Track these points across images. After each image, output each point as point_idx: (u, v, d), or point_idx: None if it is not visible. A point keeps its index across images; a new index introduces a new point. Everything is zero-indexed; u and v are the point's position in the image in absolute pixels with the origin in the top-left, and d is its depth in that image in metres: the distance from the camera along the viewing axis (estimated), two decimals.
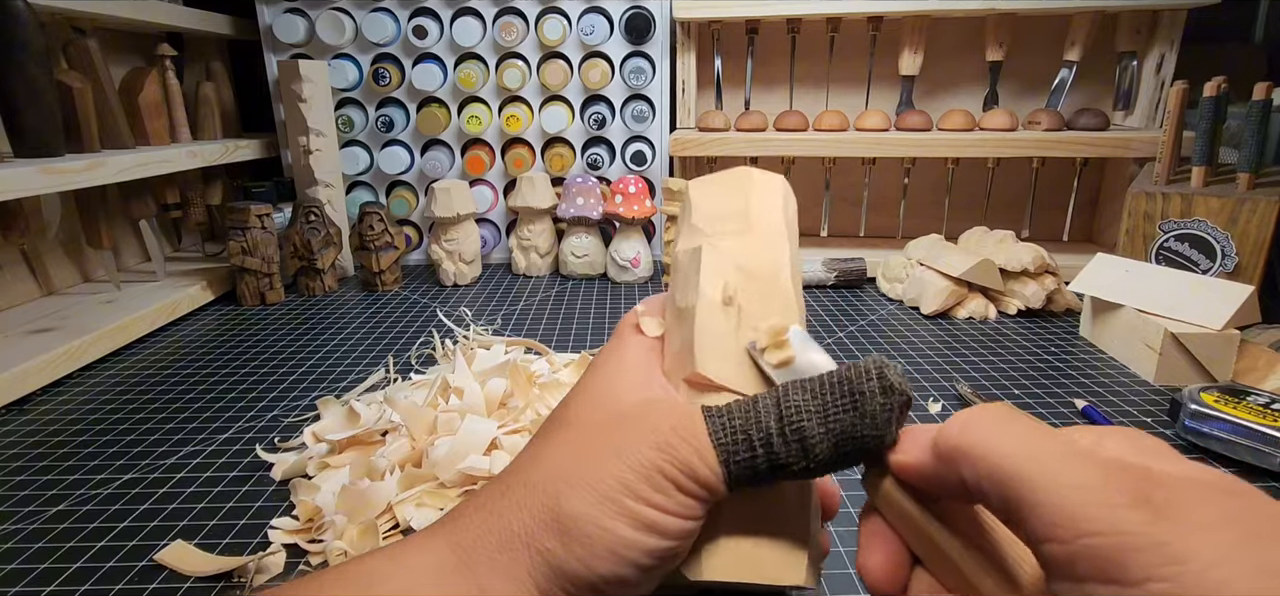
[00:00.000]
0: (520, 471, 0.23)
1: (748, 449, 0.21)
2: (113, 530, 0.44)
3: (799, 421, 0.21)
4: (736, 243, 0.26)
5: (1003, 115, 0.96)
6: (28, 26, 0.67)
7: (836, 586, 0.39)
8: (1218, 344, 0.61)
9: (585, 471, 0.22)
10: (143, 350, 0.75)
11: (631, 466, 0.21)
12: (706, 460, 0.21)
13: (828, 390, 0.21)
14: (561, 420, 0.25)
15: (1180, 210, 0.76)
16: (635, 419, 0.23)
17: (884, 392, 0.20)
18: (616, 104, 1.02)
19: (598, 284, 0.97)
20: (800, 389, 0.22)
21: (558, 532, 0.21)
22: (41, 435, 0.57)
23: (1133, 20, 0.94)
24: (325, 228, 0.93)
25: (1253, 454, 0.48)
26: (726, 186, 0.28)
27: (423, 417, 0.50)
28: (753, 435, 0.21)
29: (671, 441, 0.21)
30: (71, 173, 0.70)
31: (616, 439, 0.22)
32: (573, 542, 0.21)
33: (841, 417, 0.21)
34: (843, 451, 0.21)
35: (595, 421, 0.23)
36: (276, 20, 0.99)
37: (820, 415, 0.21)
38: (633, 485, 0.21)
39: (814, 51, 1.03)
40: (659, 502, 0.21)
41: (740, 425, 0.21)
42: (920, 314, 0.83)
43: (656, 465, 0.21)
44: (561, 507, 0.21)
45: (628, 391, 0.24)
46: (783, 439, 0.21)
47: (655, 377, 0.25)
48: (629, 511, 0.21)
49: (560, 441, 0.23)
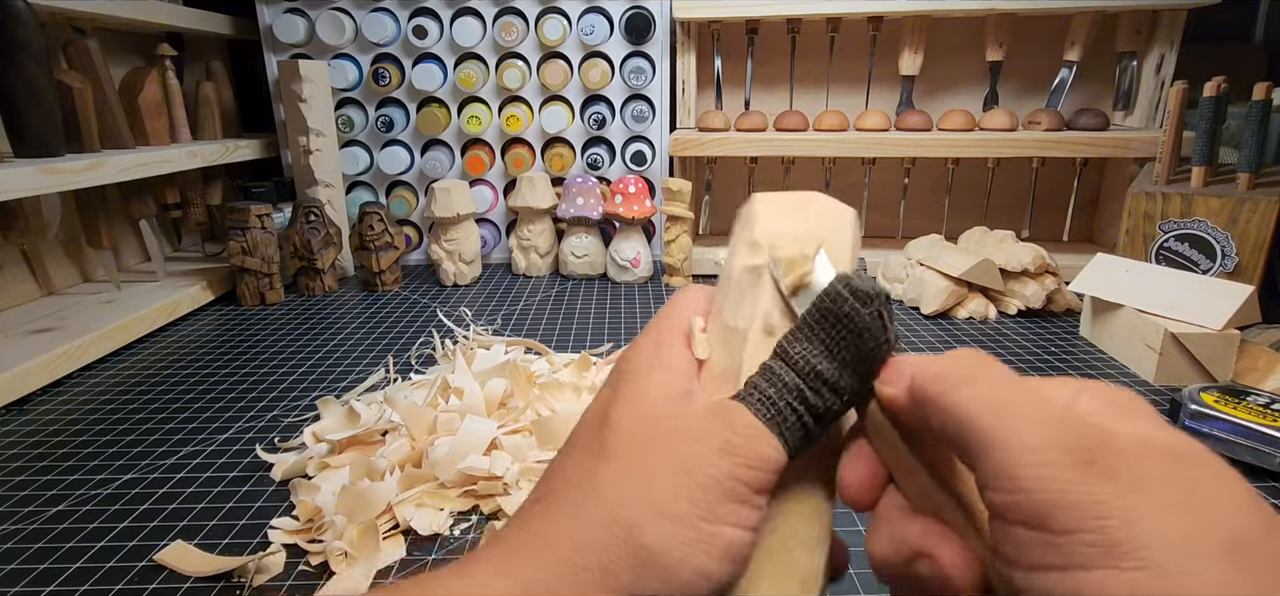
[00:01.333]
0: (572, 494, 0.22)
1: (792, 413, 0.22)
2: (113, 530, 0.44)
3: (813, 365, 0.22)
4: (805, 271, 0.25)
5: (1003, 115, 0.96)
6: (28, 26, 0.67)
7: (835, 587, 0.39)
8: (1218, 344, 0.61)
9: (654, 494, 0.21)
10: (143, 350, 0.75)
11: (701, 483, 0.21)
12: (769, 441, 0.21)
13: (816, 326, 0.22)
14: (601, 434, 0.23)
15: (1180, 210, 0.76)
16: (686, 432, 0.22)
17: (862, 302, 0.21)
18: (616, 104, 1.02)
19: (598, 284, 0.97)
20: (792, 340, 0.22)
21: (634, 566, 0.20)
22: (41, 435, 0.57)
23: (1133, 20, 0.94)
24: (325, 228, 0.93)
25: (1253, 454, 0.48)
26: (795, 207, 0.27)
27: (423, 417, 0.50)
28: (788, 399, 0.22)
29: (733, 441, 0.21)
30: (71, 173, 0.70)
31: (679, 455, 0.21)
32: (651, 577, 0.20)
33: (842, 342, 0.21)
34: (862, 371, 0.22)
35: (646, 437, 0.22)
36: (276, 20, 0.99)
37: (826, 352, 0.21)
38: (711, 505, 0.20)
39: (814, 51, 1.03)
40: (739, 519, 0.21)
41: (774, 397, 0.22)
42: (920, 314, 0.83)
43: (728, 471, 0.21)
44: (637, 540, 0.20)
45: (668, 404, 0.23)
46: (811, 389, 0.22)
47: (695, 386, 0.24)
48: (709, 538, 0.20)
49: (613, 463, 0.22)
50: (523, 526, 0.22)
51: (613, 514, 0.21)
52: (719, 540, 0.20)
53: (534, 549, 0.21)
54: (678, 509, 0.20)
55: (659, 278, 0.99)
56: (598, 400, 0.25)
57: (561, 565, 0.21)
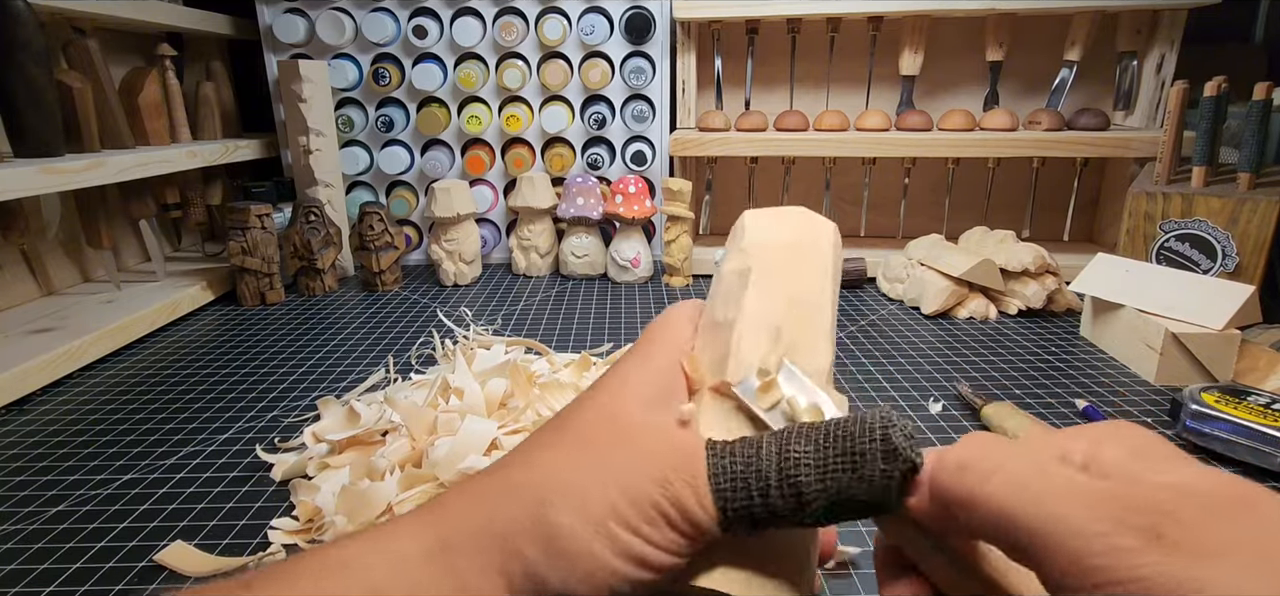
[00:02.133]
0: (511, 469, 0.23)
1: (745, 495, 0.20)
2: (113, 530, 0.44)
3: (796, 475, 0.20)
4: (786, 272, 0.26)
5: (1003, 115, 0.96)
6: (28, 26, 0.67)
7: (838, 590, 0.39)
8: (1218, 344, 0.61)
9: (576, 486, 0.21)
10: (143, 350, 0.75)
11: (625, 493, 0.21)
12: (703, 503, 0.21)
13: (829, 443, 0.20)
14: (563, 425, 0.24)
15: (1181, 210, 0.76)
16: (637, 443, 0.22)
17: (886, 458, 0.19)
18: (616, 104, 1.02)
19: (598, 284, 0.97)
20: (803, 437, 0.21)
21: (540, 542, 0.20)
22: (41, 435, 0.57)
23: (1133, 20, 0.94)
24: (325, 228, 0.93)
25: (1253, 454, 0.48)
26: (781, 219, 0.29)
27: (423, 418, 0.50)
28: (752, 482, 0.20)
29: (669, 478, 0.21)
30: (71, 173, 0.70)
31: (614, 459, 0.21)
32: (553, 556, 0.20)
33: (838, 476, 0.20)
34: (836, 512, 0.20)
35: (595, 435, 0.23)
36: (276, 20, 0.99)
37: (818, 470, 0.20)
38: (623, 513, 0.20)
39: (814, 51, 1.03)
40: (647, 534, 0.20)
41: (741, 471, 0.21)
42: (921, 314, 0.83)
43: (651, 498, 0.21)
44: (547, 517, 0.21)
45: (636, 409, 0.23)
46: (779, 489, 0.20)
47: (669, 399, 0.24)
48: (615, 539, 0.20)
49: (557, 447, 0.23)
50: (456, 492, 0.23)
51: (534, 492, 0.21)
52: (629, 546, 0.20)
53: (453, 513, 0.22)
54: (594, 504, 0.21)
55: (659, 278, 0.99)
56: (576, 399, 0.25)
57: (471, 530, 0.21)
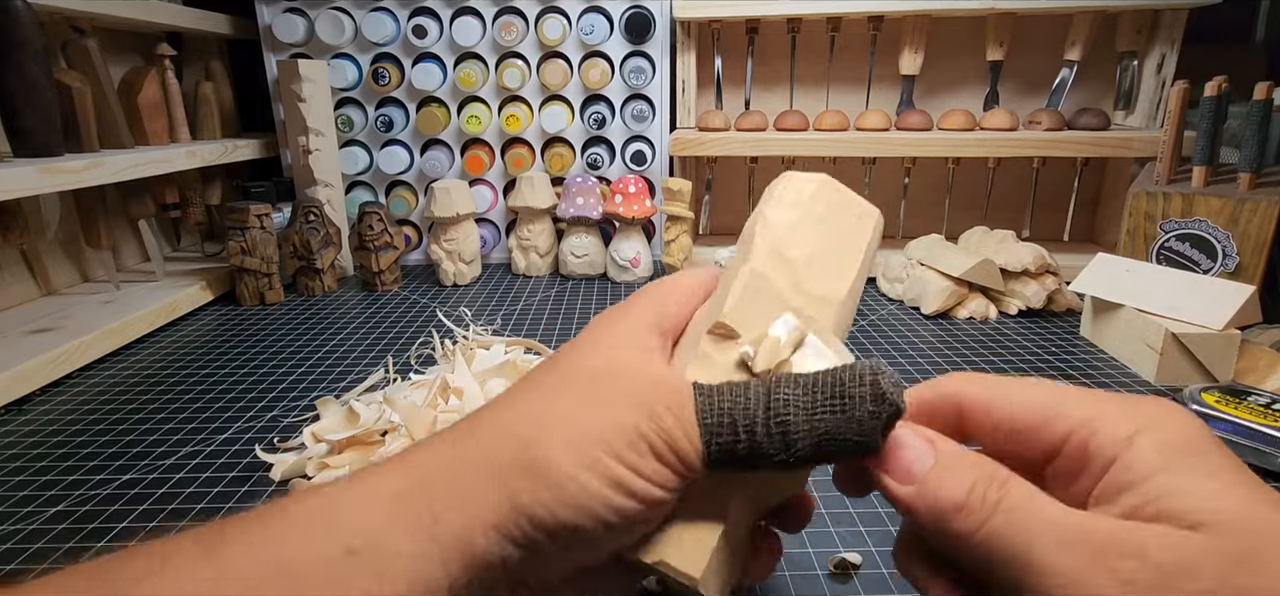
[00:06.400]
0: (494, 411, 0.23)
1: (731, 432, 0.21)
2: (112, 530, 0.44)
3: (785, 414, 0.21)
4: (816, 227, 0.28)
5: (1003, 115, 0.96)
6: (27, 26, 0.66)
7: (837, 586, 0.39)
8: (1219, 344, 0.61)
9: (564, 419, 0.21)
10: (142, 350, 0.75)
11: (613, 424, 0.21)
12: (690, 435, 0.21)
13: (819, 387, 0.21)
14: (549, 370, 0.24)
15: (1181, 210, 0.76)
16: (625, 378, 0.22)
17: (875, 400, 0.20)
18: (616, 104, 1.02)
19: (598, 284, 0.97)
20: (793, 382, 0.22)
21: (527, 474, 0.21)
22: (41, 435, 0.56)
23: (1134, 20, 0.94)
24: (325, 228, 0.93)
25: (1254, 454, 0.48)
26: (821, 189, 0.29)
27: (422, 418, 0.50)
28: (738, 420, 0.21)
29: (658, 411, 0.21)
30: (71, 173, 0.69)
31: (601, 393, 0.22)
32: (540, 486, 0.20)
33: (827, 417, 0.21)
34: (824, 450, 0.21)
35: (583, 371, 0.23)
36: (276, 20, 0.99)
37: (807, 411, 0.21)
38: (612, 442, 0.21)
39: (814, 51, 1.03)
40: (634, 463, 0.21)
41: (728, 407, 0.21)
42: (921, 314, 0.83)
43: (639, 429, 0.21)
44: (534, 452, 0.21)
45: (624, 347, 0.24)
46: (766, 428, 0.21)
47: (655, 341, 0.25)
48: (603, 467, 0.21)
49: (542, 388, 0.23)
50: (439, 435, 0.23)
51: (521, 429, 0.22)
52: (614, 471, 0.21)
53: (433, 453, 0.22)
54: (582, 435, 0.21)
55: (659, 277, 0.99)
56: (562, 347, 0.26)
57: (457, 463, 0.21)
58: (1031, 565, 0.17)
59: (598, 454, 0.21)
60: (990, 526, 0.18)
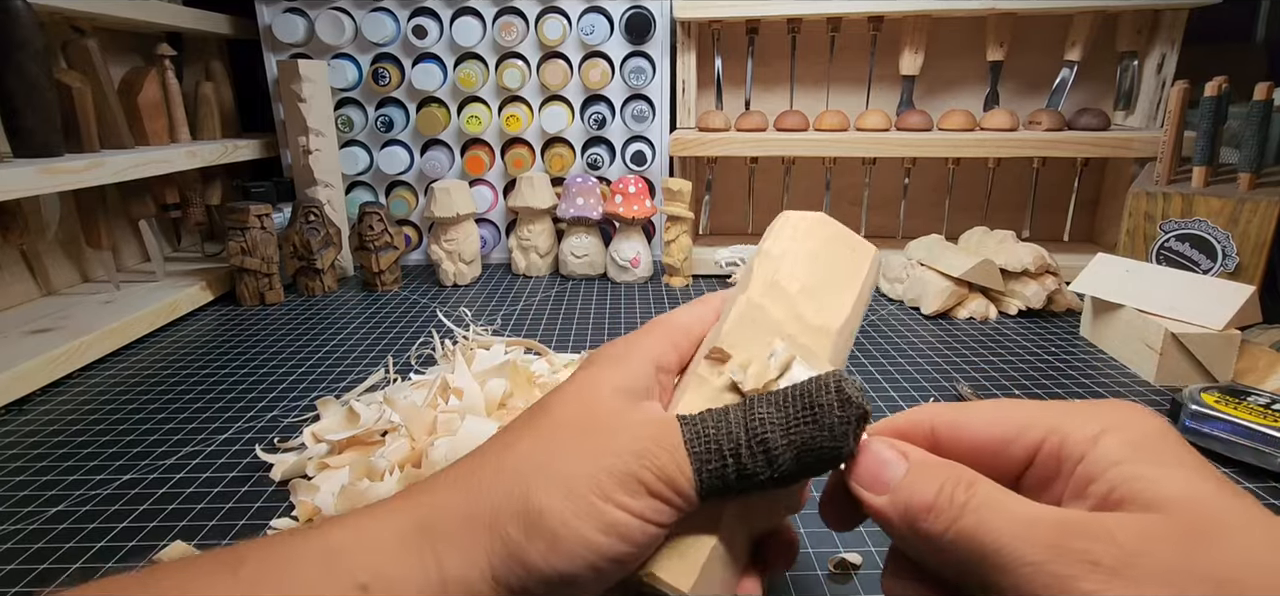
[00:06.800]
0: (492, 454, 0.24)
1: (718, 458, 0.22)
2: (112, 530, 0.44)
3: (763, 433, 0.22)
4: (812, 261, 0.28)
5: (1003, 115, 0.96)
6: (27, 26, 0.66)
7: (838, 587, 0.39)
8: (1218, 344, 0.61)
9: (559, 466, 0.22)
10: (142, 350, 0.75)
11: (607, 469, 0.22)
12: (682, 468, 0.22)
13: (790, 402, 0.22)
14: (542, 412, 0.25)
15: (1181, 210, 0.76)
16: (615, 422, 0.23)
17: (841, 405, 0.21)
18: (616, 104, 1.02)
19: (597, 284, 0.97)
20: (766, 401, 0.22)
21: (523, 522, 0.21)
22: (41, 435, 0.56)
23: (1134, 20, 0.94)
24: (325, 227, 0.93)
25: (1253, 454, 0.48)
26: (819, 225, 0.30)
27: (422, 418, 0.50)
28: (723, 445, 0.22)
29: (650, 448, 0.22)
30: (71, 173, 0.69)
31: (595, 439, 0.22)
32: (536, 535, 0.21)
33: (801, 429, 0.22)
34: (805, 462, 0.22)
35: (575, 417, 0.24)
36: (276, 20, 0.99)
37: (783, 427, 0.22)
38: (606, 487, 0.21)
39: (814, 51, 1.03)
40: (629, 505, 0.21)
41: (712, 435, 0.22)
42: (920, 314, 0.83)
43: (631, 470, 0.22)
44: (531, 499, 0.21)
45: (612, 393, 0.24)
46: (749, 450, 0.22)
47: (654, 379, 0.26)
48: (598, 513, 0.21)
49: (537, 431, 0.24)
50: (439, 477, 0.24)
51: (516, 475, 0.22)
52: (607, 515, 0.21)
53: (436, 499, 0.23)
54: (577, 482, 0.21)
55: (659, 278, 0.99)
56: (557, 386, 0.26)
57: (452, 514, 0.22)
58: (1002, 559, 0.17)
59: (593, 500, 0.21)
60: (960, 525, 0.18)
